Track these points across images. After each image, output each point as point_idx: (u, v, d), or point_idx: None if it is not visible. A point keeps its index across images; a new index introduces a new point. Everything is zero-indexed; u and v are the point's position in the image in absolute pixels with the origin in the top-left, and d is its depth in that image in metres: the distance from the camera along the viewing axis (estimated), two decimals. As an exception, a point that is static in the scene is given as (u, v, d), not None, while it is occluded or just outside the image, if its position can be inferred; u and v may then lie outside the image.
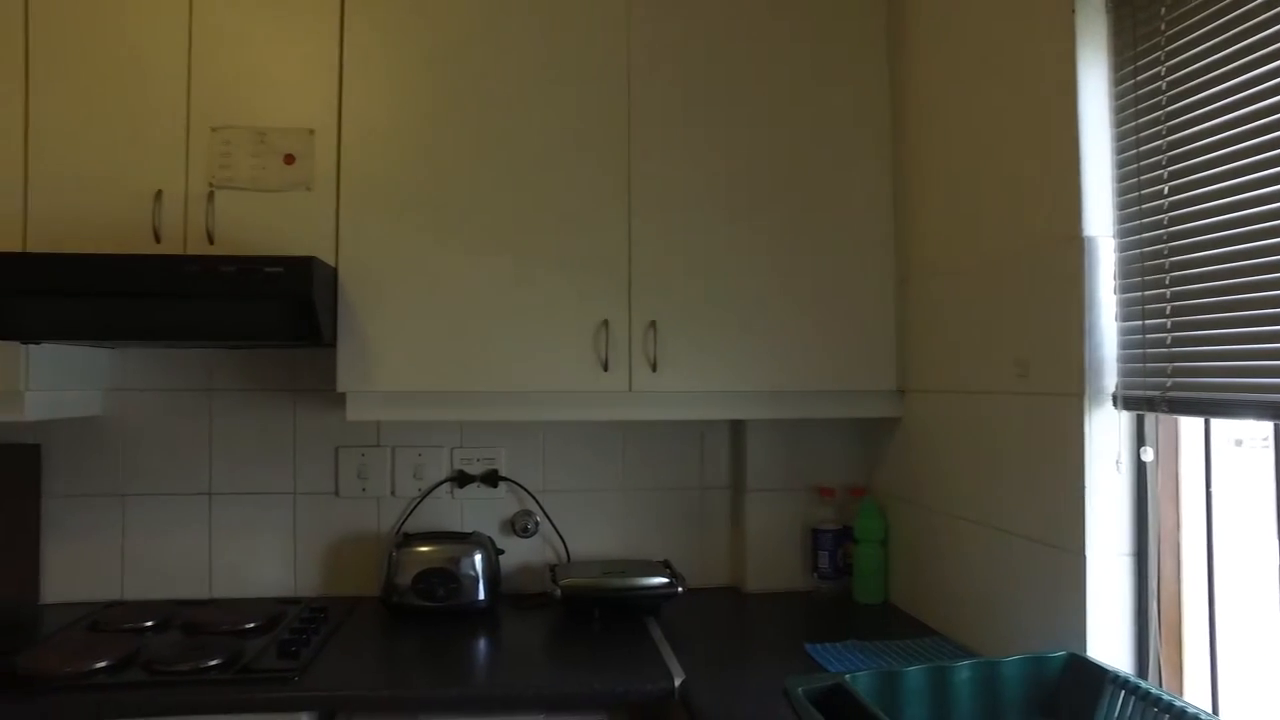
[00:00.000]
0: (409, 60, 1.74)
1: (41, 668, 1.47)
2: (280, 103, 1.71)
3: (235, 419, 1.99)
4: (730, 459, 2.12)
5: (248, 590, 1.99)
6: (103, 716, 1.39)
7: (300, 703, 1.42)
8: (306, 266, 1.51)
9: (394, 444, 2.01)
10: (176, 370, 1.98)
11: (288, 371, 2.00)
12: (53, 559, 1.95)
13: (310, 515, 2.00)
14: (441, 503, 2.02)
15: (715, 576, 2.10)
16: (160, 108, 1.68)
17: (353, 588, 2.00)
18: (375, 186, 1.71)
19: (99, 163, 1.67)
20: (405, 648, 1.63)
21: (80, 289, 1.48)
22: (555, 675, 1.49)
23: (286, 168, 1.68)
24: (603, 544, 2.06)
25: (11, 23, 1.66)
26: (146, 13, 1.69)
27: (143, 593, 1.97)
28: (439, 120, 1.74)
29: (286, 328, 1.58)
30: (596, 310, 1.74)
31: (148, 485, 1.97)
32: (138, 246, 1.65)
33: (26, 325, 1.54)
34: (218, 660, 1.51)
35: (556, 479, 2.06)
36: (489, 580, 1.84)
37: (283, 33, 1.72)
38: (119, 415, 1.97)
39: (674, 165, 1.79)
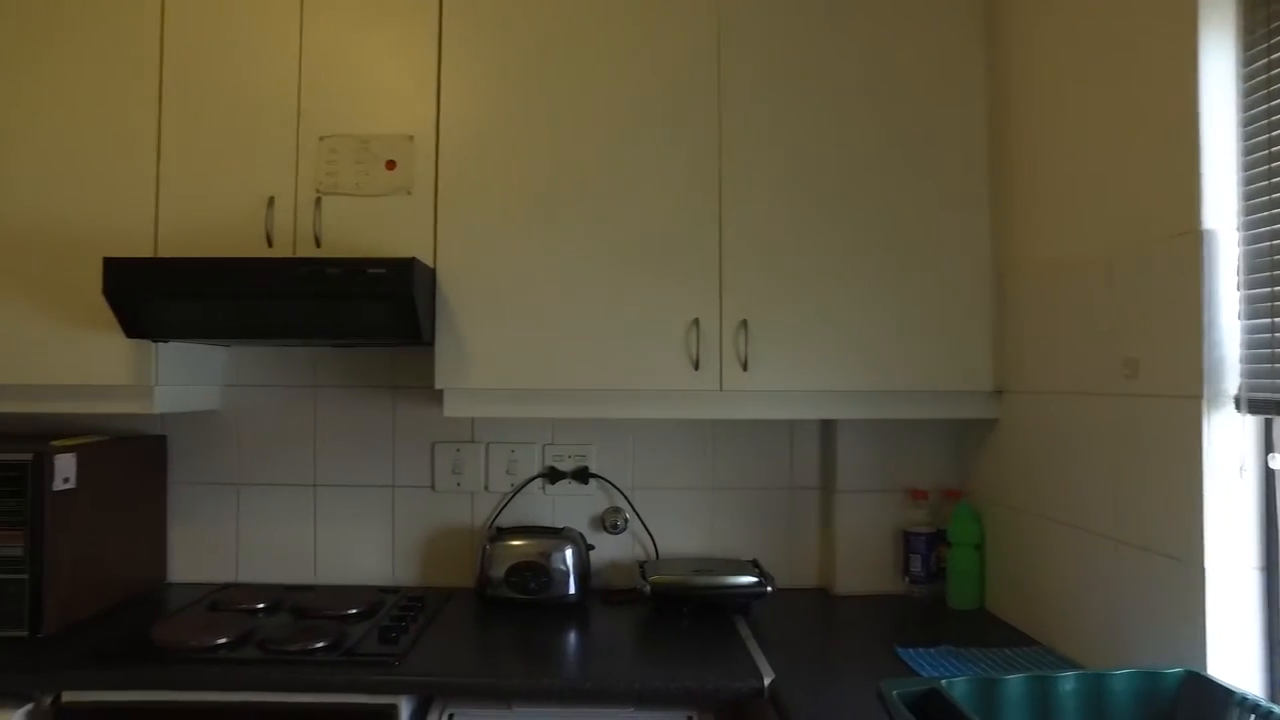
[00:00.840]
0: (502, 67, 1.78)
1: (171, 640, 1.59)
2: (382, 111, 1.78)
3: (339, 414, 2.08)
4: (820, 459, 2.09)
5: (349, 578, 2.08)
6: (223, 687, 1.49)
7: (400, 686, 1.48)
8: (408, 267, 1.57)
9: (488, 440, 2.07)
10: (285, 367, 2.09)
11: (388, 369, 2.08)
12: (177, 542, 2.09)
13: (408, 508, 2.08)
14: (533, 498, 2.07)
15: (804, 577, 2.08)
16: (273, 120, 1.78)
17: (447, 578, 2.07)
18: (471, 189, 1.76)
19: (219, 174, 1.77)
20: (498, 638, 1.68)
21: (203, 291, 1.58)
22: (644, 670, 1.50)
23: (388, 173, 1.75)
24: (691, 542, 2.07)
25: (149, 53, 1.79)
26: (263, 34, 1.79)
27: (255, 576, 2.09)
28: (531, 123, 1.77)
29: (388, 327, 1.65)
30: (687, 309, 1.75)
31: (259, 475, 2.09)
32: (252, 251, 1.75)
33: (156, 325, 1.65)
34: (324, 643, 1.59)
35: (646, 476, 2.07)
36: (579, 575, 1.87)
37: (384, 46, 1.79)
38: (234, 409, 2.10)
39: (765, 162, 1.77)
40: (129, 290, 1.59)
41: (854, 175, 1.78)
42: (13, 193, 1.78)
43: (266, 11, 1.79)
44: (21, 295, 1.77)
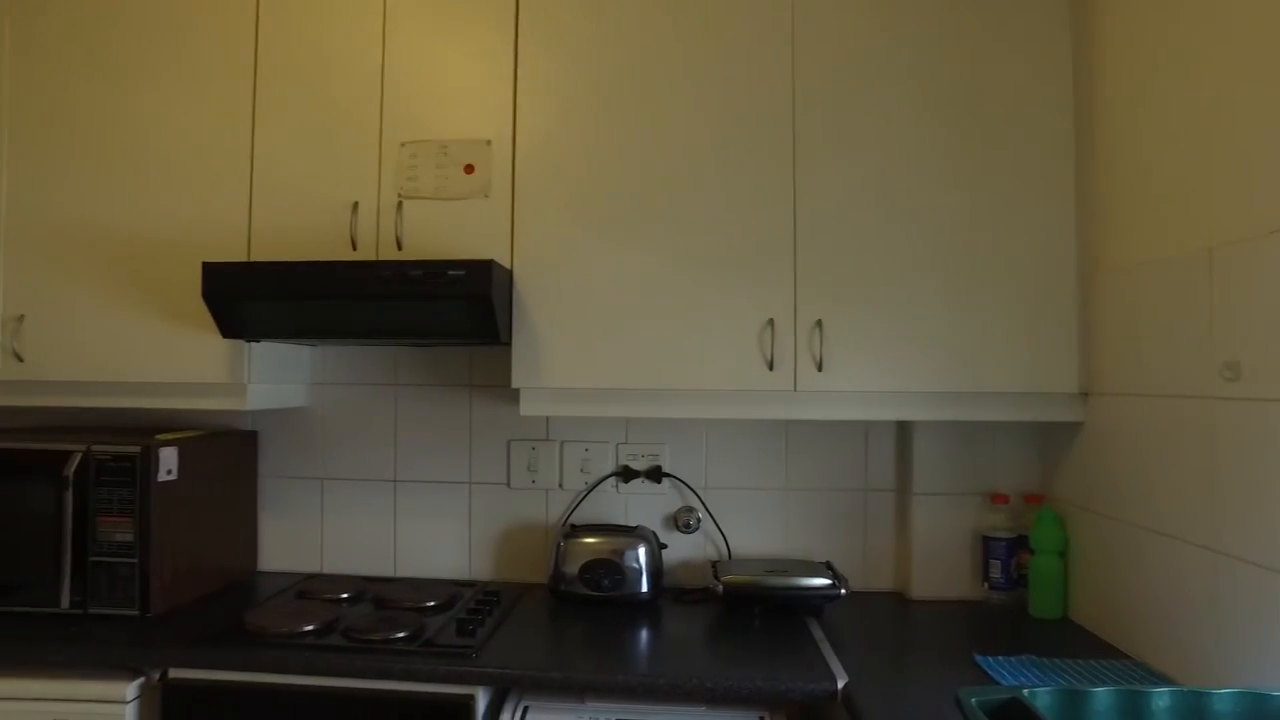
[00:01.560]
0: (577, 72, 1.80)
1: (264, 625, 1.66)
2: (460, 117, 1.82)
3: (418, 412, 2.15)
4: (896, 461, 2.05)
5: (427, 571, 2.14)
6: (310, 672, 1.56)
7: (477, 678, 1.52)
8: (486, 269, 1.60)
9: (562, 438, 2.10)
10: (368, 366, 2.17)
11: (465, 368, 2.14)
12: (267, 532, 2.19)
13: (484, 504, 2.13)
14: (607, 496, 2.09)
15: (878, 580, 2.04)
16: (357, 129, 1.84)
17: (522, 574, 2.11)
18: (547, 191, 1.79)
19: (306, 180, 1.85)
20: (572, 633, 1.70)
21: (292, 293, 1.65)
22: (717, 668, 1.51)
23: (466, 177, 1.80)
24: (763, 542, 2.06)
25: (245, 73, 1.88)
26: (347, 49, 1.86)
27: (338, 567, 2.17)
28: (606, 126, 1.79)
29: (467, 327, 1.69)
30: (762, 309, 1.74)
31: (343, 470, 2.17)
32: (337, 254, 1.82)
33: (249, 326, 1.73)
34: (404, 633, 1.64)
35: (719, 476, 2.07)
36: (652, 573, 1.88)
37: (462, 54, 1.83)
38: (320, 406, 2.18)
39: (840, 159, 1.75)
40: (225, 293, 1.67)
41: (932, 171, 1.75)
42: (128, 204, 1.89)
43: (351, 27, 1.86)
44: (132, 298, 1.88)
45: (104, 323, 1.89)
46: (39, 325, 1.91)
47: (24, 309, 1.92)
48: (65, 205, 1.92)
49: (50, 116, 1.93)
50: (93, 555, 1.76)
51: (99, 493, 1.76)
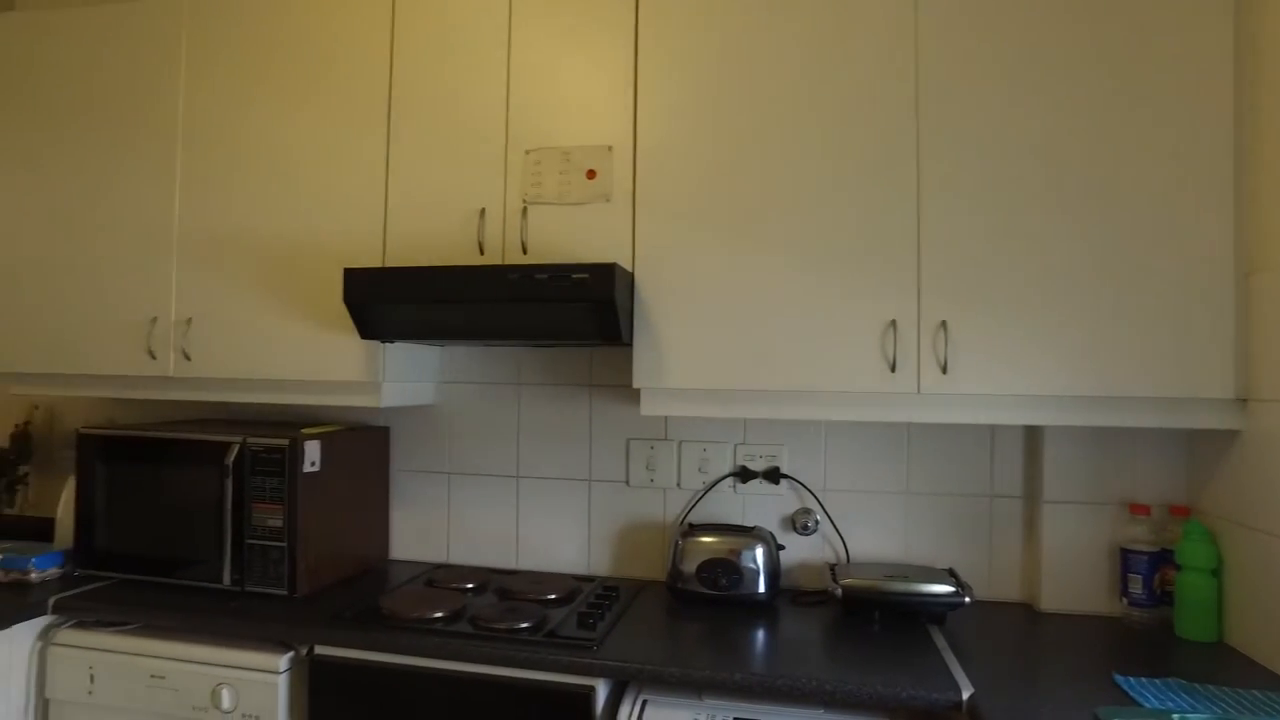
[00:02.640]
0: (695, 77, 1.82)
1: (397, 610, 1.76)
2: (582, 124, 1.88)
3: (540, 411, 2.22)
4: (1024, 466, 1.97)
5: (547, 565, 2.21)
6: (440, 656, 1.64)
7: (598, 669, 1.56)
8: (609, 272, 1.65)
9: (681, 438, 2.13)
10: (492, 366, 2.26)
11: (586, 368, 2.19)
12: (397, 523, 2.31)
13: (603, 501, 2.18)
14: (724, 496, 2.10)
15: (1004, 590, 1.97)
16: (484, 138, 1.93)
17: (639, 571, 2.14)
18: (667, 195, 1.82)
19: (437, 189, 1.95)
20: (689, 631, 1.72)
21: (426, 297, 1.74)
22: (835, 672, 1.49)
23: (588, 182, 1.85)
24: (883, 547, 2.02)
25: (380, 89, 2.00)
26: (474, 62, 1.94)
27: (463, 558, 2.26)
28: (724, 129, 1.80)
29: (590, 328, 1.74)
30: (884, 310, 1.71)
31: (468, 466, 2.26)
32: (466, 258, 1.91)
33: (385, 327, 1.84)
34: (527, 624, 1.70)
35: (838, 478, 2.05)
36: (769, 574, 1.88)
37: (584, 62, 1.89)
38: (447, 404, 2.29)
39: (966, 152, 1.69)
40: (364, 296, 1.78)
41: (1068, 166, 1.66)
42: (279, 216, 2.05)
43: (477, 46, 1.94)
44: (283, 303, 2.03)
45: (258, 325, 2.05)
46: (204, 327, 2.09)
47: (191, 312, 2.10)
48: (227, 218, 2.09)
49: (216, 139, 2.11)
50: (249, 538, 1.91)
51: (254, 481, 1.91)
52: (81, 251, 2.21)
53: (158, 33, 2.17)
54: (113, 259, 2.18)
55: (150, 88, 2.17)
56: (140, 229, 2.16)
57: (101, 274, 2.19)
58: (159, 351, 2.12)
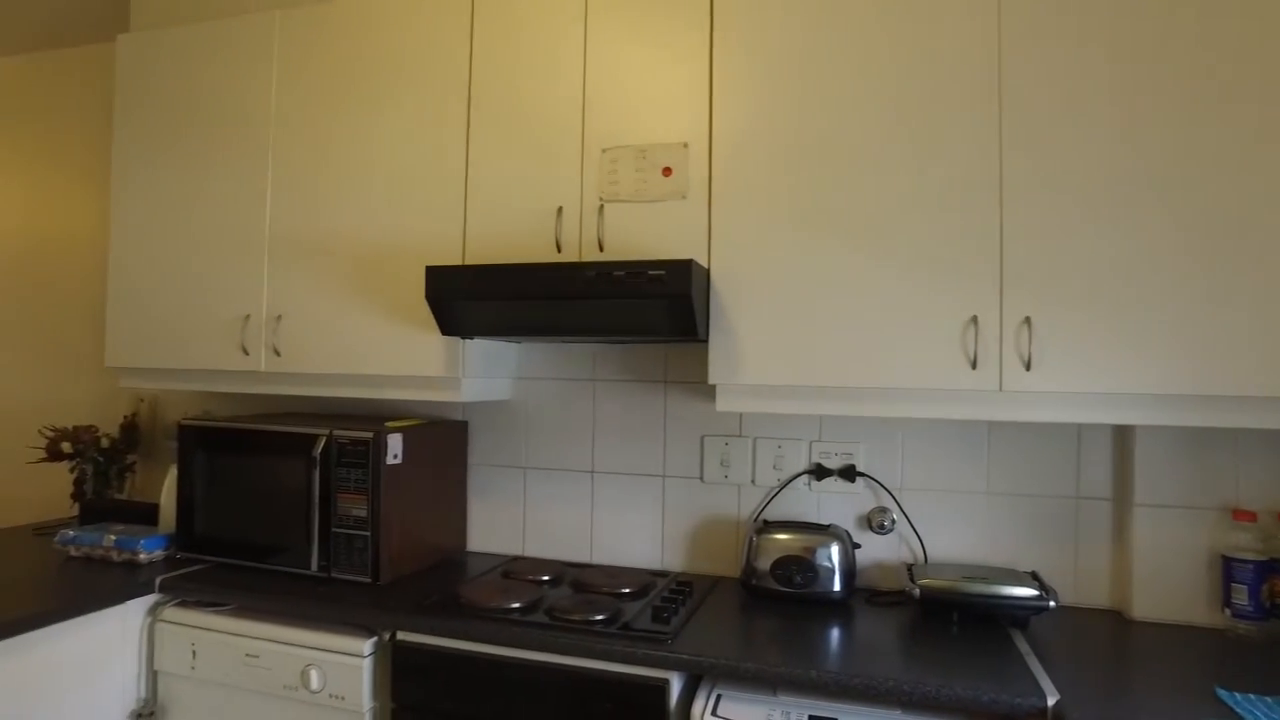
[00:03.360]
0: (771, 73, 1.82)
1: (475, 600, 1.81)
2: (658, 122, 1.89)
3: (615, 406, 2.24)
4: (1114, 467, 1.90)
5: (621, 559, 2.23)
6: (517, 645, 1.68)
7: (672, 663, 1.58)
8: (686, 268, 1.65)
9: (755, 435, 2.12)
10: (568, 362, 2.29)
11: (661, 364, 2.21)
12: (475, 516, 2.37)
13: (677, 497, 2.19)
14: (799, 494, 2.09)
15: (1091, 596, 1.90)
16: (561, 138, 1.96)
17: (712, 567, 2.15)
18: (743, 191, 1.82)
19: (515, 189, 1.99)
20: (763, 627, 1.72)
21: (506, 293, 1.78)
22: (912, 673, 1.47)
23: (664, 179, 1.86)
24: (962, 548, 1.97)
25: (459, 92, 2.05)
26: (550, 63, 1.98)
27: (538, 551, 2.31)
28: (800, 124, 1.79)
29: (667, 325, 1.76)
30: (964, 305, 1.67)
31: (543, 461, 2.30)
32: (543, 256, 1.94)
33: (465, 324, 1.89)
34: (602, 616, 1.73)
35: (915, 477, 2.01)
36: (845, 572, 1.86)
37: (659, 60, 1.90)
38: (523, 400, 2.33)
39: (1051, 141, 1.63)
40: (445, 294, 1.83)
41: (1162, 149, 1.58)
42: (364, 217, 2.13)
43: (553, 47, 1.98)
44: (367, 300, 2.11)
45: (344, 322, 2.13)
46: (293, 324, 2.19)
47: (281, 310, 2.20)
48: (314, 220, 2.18)
49: (303, 144, 2.21)
50: (335, 527, 1.99)
51: (339, 472, 1.99)
52: (184, 254, 2.34)
53: (252, 47, 2.28)
54: (211, 260, 2.30)
55: (245, 98, 2.28)
56: (235, 231, 2.27)
57: (201, 274, 2.31)
58: (251, 347, 2.23)
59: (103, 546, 2.17)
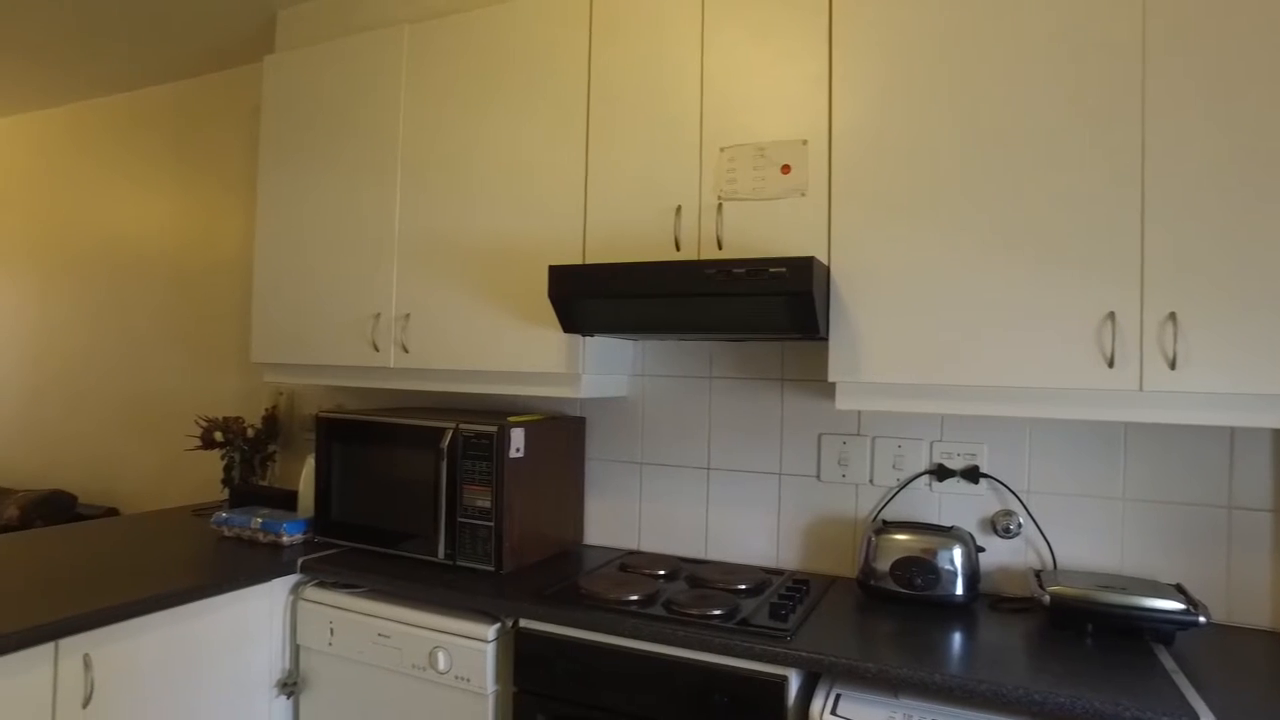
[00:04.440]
0: (892, 69, 1.78)
1: (595, 591, 1.86)
2: (777, 119, 1.89)
3: (731, 404, 2.25)
4: (1273, 475, 1.77)
5: (736, 556, 2.23)
6: (636, 636, 1.72)
7: (791, 660, 1.57)
8: (807, 266, 1.65)
9: (874, 434, 2.09)
10: (684, 360, 2.31)
11: (778, 362, 2.20)
12: (591, 510, 2.42)
13: (793, 495, 2.17)
14: (919, 494, 2.04)
15: (1248, 615, 1.77)
16: (679, 137, 1.98)
17: (828, 566, 2.13)
18: (863, 187, 1.79)
19: (633, 189, 2.02)
20: (882, 628, 1.69)
21: (628, 292, 1.82)
22: (1043, 682, 1.42)
23: (783, 177, 1.86)
24: (1095, 555, 1.88)
25: (578, 94, 2.11)
26: (669, 63, 2.01)
27: (653, 546, 2.34)
28: (921, 118, 1.75)
29: (786, 322, 1.75)
30: (1100, 301, 1.59)
31: (659, 457, 2.33)
32: (662, 254, 1.97)
33: (586, 322, 1.94)
34: (719, 611, 1.74)
35: (1043, 480, 1.93)
36: (968, 576, 1.81)
37: (776, 57, 1.89)
38: (640, 397, 2.37)
39: (1202, 130, 1.53)
40: (567, 292, 1.88)
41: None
42: (487, 217, 2.21)
43: (671, 47, 2.00)
44: (490, 299, 2.19)
45: (467, 320, 2.22)
46: (420, 322, 2.30)
47: (409, 309, 2.32)
48: (439, 221, 2.29)
49: (430, 149, 2.31)
50: (460, 517, 2.08)
51: (465, 464, 2.08)
52: (320, 257, 2.49)
53: (382, 60, 2.41)
54: (344, 262, 2.44)
55: (376, 108, 2.41)
56: (367, 235, 2.41)
57: (335, 276, 2.46)
58: (381, 344, 2.35)
59: (250, 528, 2.34)
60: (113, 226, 3.74)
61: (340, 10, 2.68)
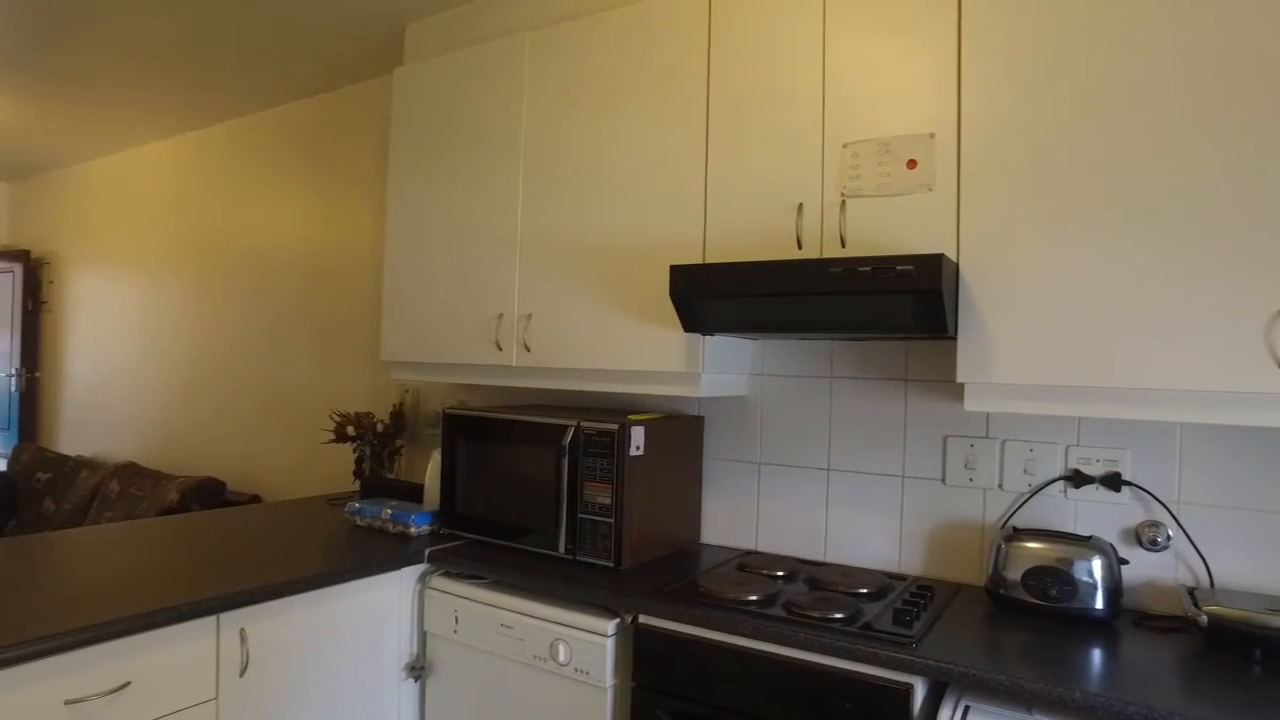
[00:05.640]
0: (1026, 58, 1.70)
1: (714, 590, 1.86)
2: (902, 113, 1.84)
3: (852, 404, 2.21)
4: None
5: (856, 559, 2.19)
6: (756, 636, 1.71)
7: (917, 667, 1.53)
8: (936, 263, 1.60)
9: (1004, 437, 2.00)
10: (803, 359, 2.29)
11: (901, 362, 2.14)
12: (708, 509, 2.43)
13: (916, 498, 2.11)
14: (1052, 501, 1.94)
15: None
16: (800, 133, 1.96)
17: (953, 573, 2.05)
18: (995, 180, 1.72)
19: (754, 187, 2.01)
20: (1013, 640, 1.63)
21: (750, 291, 1.81)
22: (1201, 709, 1.32)
23: (909, 172, 1.81)
24: (1258, 575, 1.74)
25: (698, 93, 2.11)
26: (789, 60, 1.98)
27: (770, 547, 2.32)
28: (1061, 104, 1.66)
29: (913, 321, 1.71)
30: (1270, 297, 1.47)
31: (778, 457, 2.31)
32: (783, 253, 1.95)
33: (708, 321, 1.95)
34: (841, 614, 1.71)
35: (1196, 490, 1.80)
36: (1109, 590, 1.71)
37: (902, 50, 1.84)
38: (758, 396, 2.36)
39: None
40: (689, 292, 1.89)
41: None
42: (606, 218, 2.25)
43: (792, 39, 1.98)
44: (610, 298, 2.23)
45: (588, 319, 2.27)
46: (541, 322, 2.36)
47: (531, 309, 2.38)
48: (561, 223, 2.34)
49: (551, 151, 2.37)
50: (580, 512, 2.13)
51: (586, 461, 2.12)
52: (446, 259, 2.60)
53: (505, 66, 2.49)
54: (469, 264, 2.54)
55: (499, 113, 2.49)
56: (490, 237, 2.49)
57: (460, 277, 2.56)
58: (504, 344, 2.43)
59: (381, 519, 2.46)
60: (257, 234, 4.02)
61: (465, 21, 2.78)
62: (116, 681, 1.63)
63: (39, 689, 1.53)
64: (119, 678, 1.63)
